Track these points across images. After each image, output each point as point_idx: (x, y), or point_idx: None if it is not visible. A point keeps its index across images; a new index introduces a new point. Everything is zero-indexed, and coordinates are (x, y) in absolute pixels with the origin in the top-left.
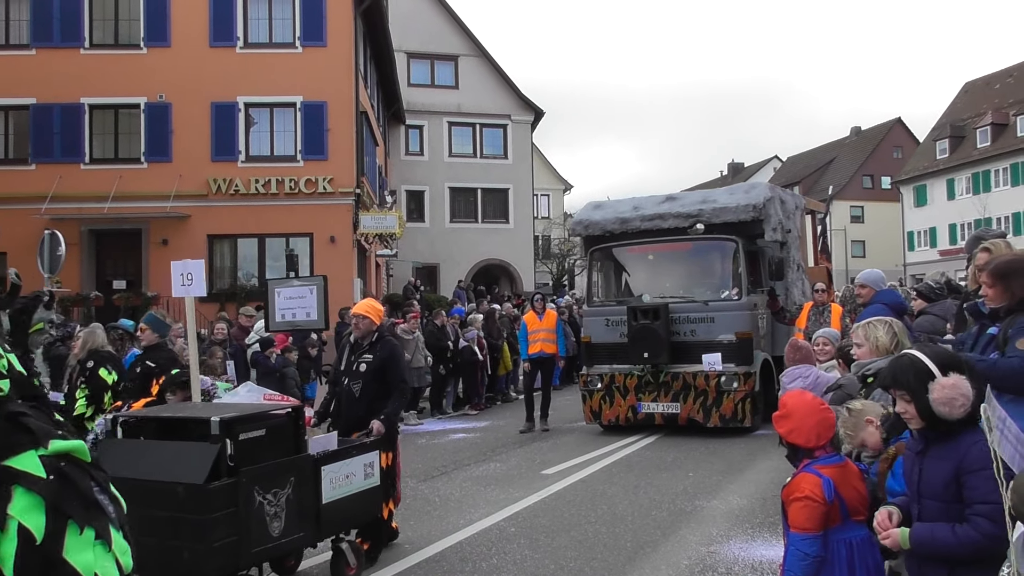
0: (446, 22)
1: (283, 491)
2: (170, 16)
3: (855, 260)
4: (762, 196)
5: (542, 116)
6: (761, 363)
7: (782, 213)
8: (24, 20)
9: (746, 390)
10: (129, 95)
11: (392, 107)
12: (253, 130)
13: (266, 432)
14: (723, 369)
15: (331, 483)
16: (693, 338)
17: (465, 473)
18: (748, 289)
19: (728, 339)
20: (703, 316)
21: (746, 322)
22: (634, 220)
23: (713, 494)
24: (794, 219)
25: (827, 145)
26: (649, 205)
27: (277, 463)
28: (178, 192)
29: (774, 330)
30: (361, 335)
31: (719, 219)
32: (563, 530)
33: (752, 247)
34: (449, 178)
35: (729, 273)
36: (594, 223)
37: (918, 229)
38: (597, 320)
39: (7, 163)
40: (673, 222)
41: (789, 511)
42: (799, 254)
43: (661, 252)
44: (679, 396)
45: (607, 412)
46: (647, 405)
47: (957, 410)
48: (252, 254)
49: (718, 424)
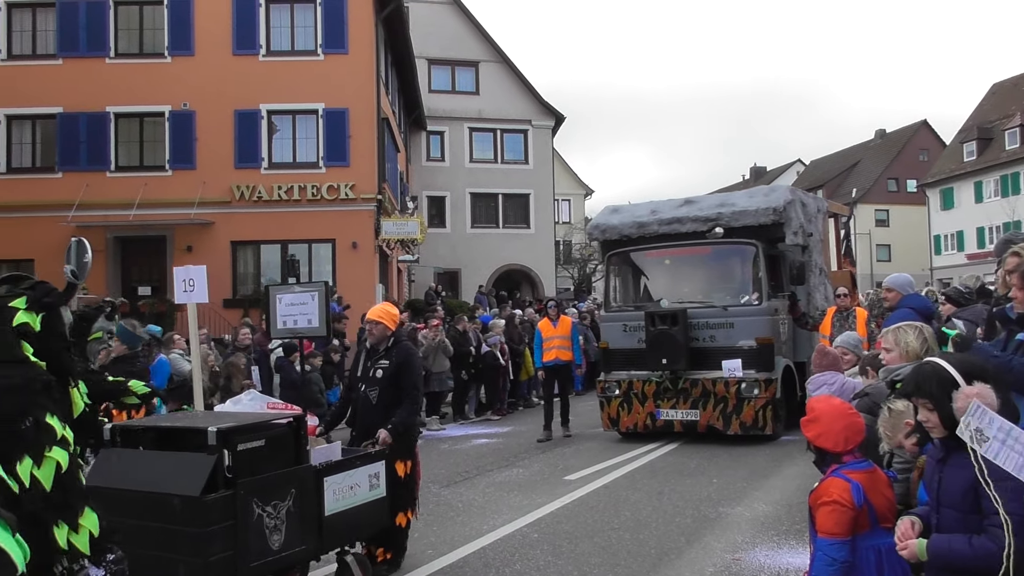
0: (466, 28)
1: (283, 503)
2: (194, 25)
3: (880, 264)
4: (783, 199)
5: (563, 121)
6: (783, 369)
7: (803, 216)
8: (51, 30)
9: (767, 397)
10: (154, 103)
11: (413, 113)
12: (276, 137)
13: (266, 442)
14: (743, 375)
15: (334, 494)
16: (712, 344)
17: (488, 479)
18: (769, 294)
19: (748, 345)
20: (722, 321)
21: (767, 327)
22: (652, 224)
23: (738, 500)
24: (816, 222)
25: (851, 148)
26: (667, 209)
27: (277, 474)
28: (202, 199)
29: (796, 336)
30: (376, 340)
31: (738, 223)
32: (586, 536)
33: (773, 251)
34: (470, 184)
35: (749, 278)
36: (611, 227)
37: (945, 233)
38: (615, 326)
39: (35, 171)
40: (691, 226)
41: (817, 515)
42: (822, 258)
43: (679, 256)
44: (698, 403)
45: (625, 419)
46: (666, 412)
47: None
48: (275, 260)
49: (738, 432)
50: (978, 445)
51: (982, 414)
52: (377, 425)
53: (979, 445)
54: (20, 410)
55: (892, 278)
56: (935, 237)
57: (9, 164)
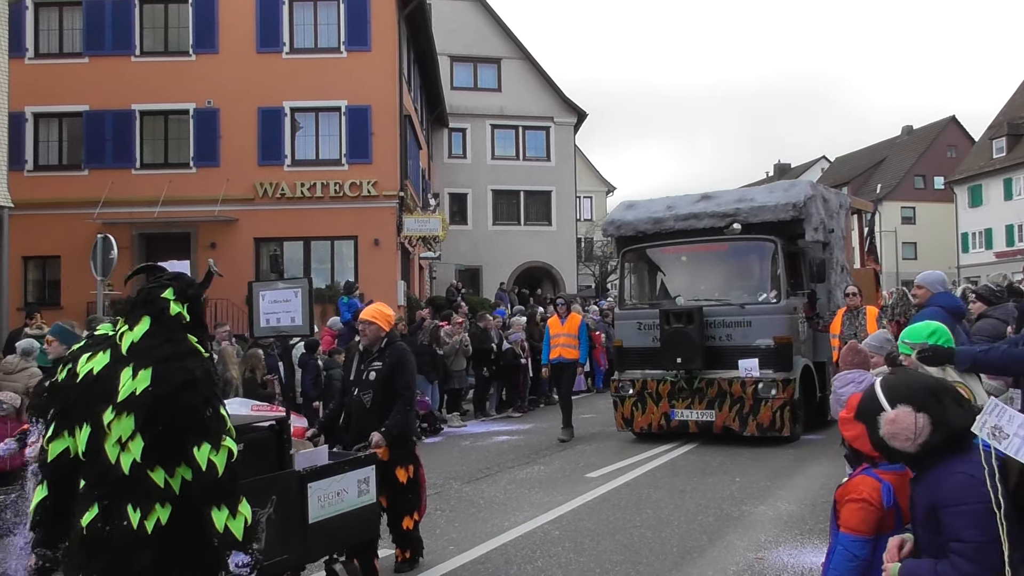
0: (489, 25)
1: (263, 511)
2: (218, 23)
3: (906, 262)
4: (803, 194)
5: (585, 118)
6: (801, 369)
7: (824, 212)
8: (77, 29)
9: (785, 398)
10: (178, 101)
11: (435, 110)
12: (299, 134)
13: (244, 447)
14: (760, 375)
15: (319, 501)
16: (729, 343)
17: (509, 475)
18: (787, 292)
19: (766, 344)
20: (739, 320)
21: (785, 326)
22: (668, 220)
23: (761, 499)
24: (838, 219)
25: (877, 145)
26: (683, 204)
27: (255, 480)
28: (226, 196)
29: (816, 335)
30: (369, 342)
31: (757, 218)
32: (608, 534)
33: (792, 248)
34: (492, 181)
35: (767, 275)
36: (626, 223)
37: (973, 230)
38: (629, 323)
39: (62, 169)
40: (708, 222)
41: (842, 511)
42: (844, 255)
43: (696, 253)
44: (714, 403)
45: (639, 419)
46: (680, 412)
47: (903, 443)
48: (298, 257)
49: (755, 433)
50: (998, 442)
51: (1000, 411)
52: (372, 429)
53: (999, 442)
54: (204, 400)
55: (924, 275)
56: (963, 235)
57: (36, 162)
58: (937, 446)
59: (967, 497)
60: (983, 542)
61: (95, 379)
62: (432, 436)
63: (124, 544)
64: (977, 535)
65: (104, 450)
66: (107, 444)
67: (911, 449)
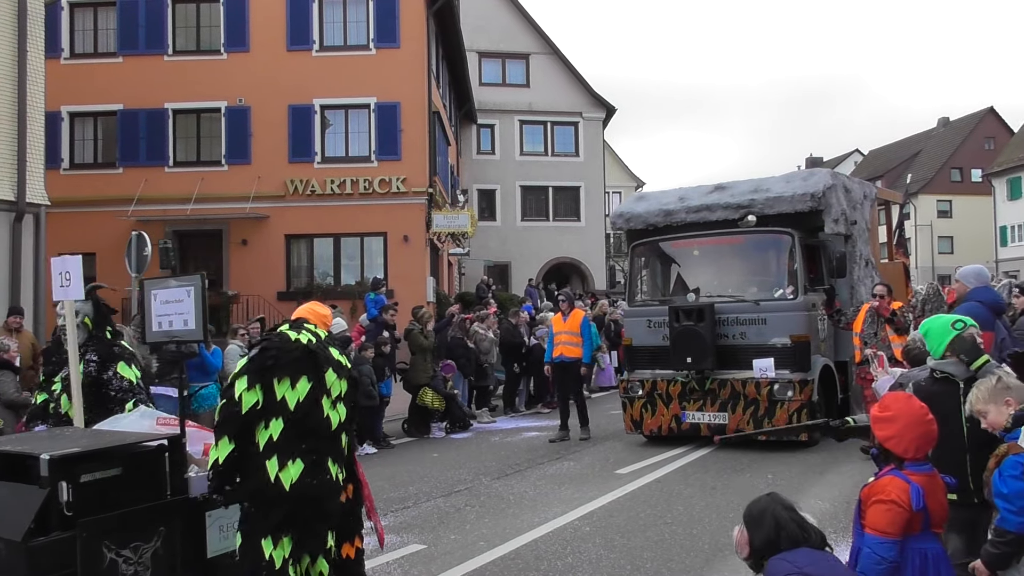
0: (517, 20)
1: (148, 545)
2: (249, 22)
3: (942, 256)
4: (822, 184)
5: (614, 113)
6: (820, 370)
7: (846, 203)
8: (111, 29)
9: (802, 400)
10: (210, 99)
11: (464, 106)
12: (328, 131)
13: (123, 470)
14: (776, 376)
15: (220, 531)
16: (743, 341)
17: (539, 471)
18: (806, 287)
19: (782, 343)
20: (754, 317)
21: (802, 324)
22: (679, 212)
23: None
24: (862, 210)
25: (912, 137)
26: (696, 196)
27: (138, 510)
28: (257, 193)
29: (837, 333)
30: None
31: (773, 210)
32: (639, 530)
33: (812, 241)
34: (520, 176)
35: (784, 270)
36: (636, 216)
37: (1012, 224)
38: (639, 321)
39: (96, 167)
40: (722, 214)
41: (869, 512)
42: (868, 248)
43: (708, 247)
44: (727, 405)
45: (649, 421)
46: (692, 415)
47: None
48: (328, 253)
49: (770, 437)
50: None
51: None
52: None
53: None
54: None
55: (963, 269)
56: (1000, 228)
57: (72, 160)
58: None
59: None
60: None
61: (307, 348)
62: (462, 432)
63: (327, 495)
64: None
65: (322, 405)
66: (325, 401)
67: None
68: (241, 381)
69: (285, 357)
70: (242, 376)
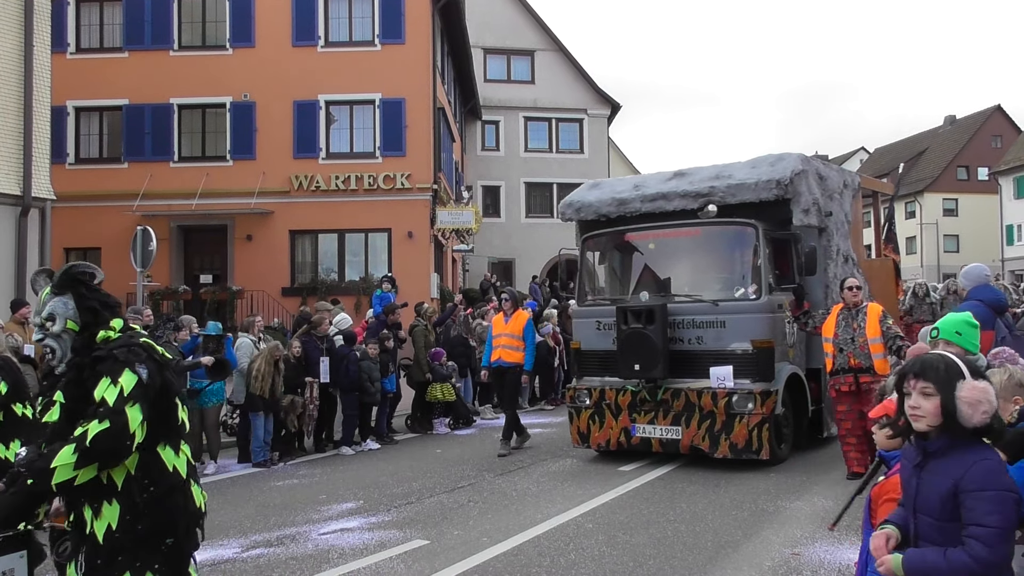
0: (522, 17)
1: None
2: (254, 17)
3: (948, 255)
4: (790, 170)
5: (619, 110)
6: (787, 379)
7: (819, 192)
8: (117, 24)
9: (763, 413)
10: (215, 95)
11: (469, 103)
12: (333, 127)
13: None
14: (735, 386)
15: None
16: (700, 347)
17: (542, 468)
18: (771, 286)
19: (742, 348)
20: (712, 319)
21: (765, 327)
22: (633, 201)
23: (797, 495)
24: (841, 200)
25: (918, 135)
26: (653, 183)
27: None
28: (262, 189)
29: (811, 337)
30: None
31: (735, 198)
32: (641, 527)
33: (781, 234)
34: (525, 173)
35: (747, 266)
36: (587, 205)
37: (1018, 222)
38: (588, 322)
39: (102, 162)
40: (679, 203)
41: (880, 511)
42: (848, 243)
43: (664, 240)
44: (680, 418)
45: (596, 435)
46: (642, 428)
47: (979, 415)
48: (332, 249)
49: (727, 455)
50: None
51: None
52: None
53: None
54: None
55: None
56: (1007, 227)
57: (78, 155)
58: (984, 428)
59: (993, 483)
60: (1002, 529)
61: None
62: (465, 428)
63: None
64: (998, 521)
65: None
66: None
67: (979, 422)
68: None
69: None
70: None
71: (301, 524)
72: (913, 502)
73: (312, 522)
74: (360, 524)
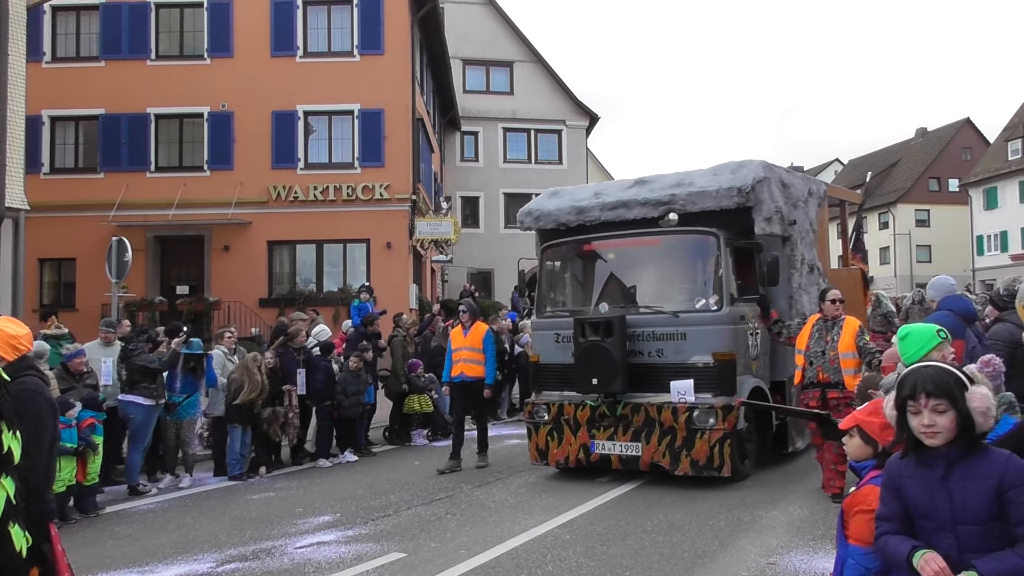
0: (501, 28)
1: None
2: (233, 28)
3: (920, 265)
4: (751, 177)
5: (597, 121)
6: (750, 392)
7: (783, 199)
8: (94, 33)
9: (725, 429)
10: (193, 105)
11: (448, 114)
12: (312, 138)
13: None
14: (696, 401)
15: None
16: (660, 360)
17: (520, 479)
18: (732, 297)
19: (703, 361)
20: (672, 332)
21: (727, 339)
22: (593, 210)
23: (772, 504)
24: (805, 208)
25: (891, 147)
26: (614, 191)
27: None
28: (239, 199)
29: (775, 350)
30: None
31: (697, 206)
32: (619, 538)
33: (744, 243)
34: (504, 184)
35: (708, 276)
36: (546, 214)
37: (988, 233)
38: (547, 335)
39: (77, 172)
40: (640, 211)
41: (851, 523)
42: (813, 252)
43: (624, 249)
44: (640, 434)
45: (555, 451)
46: (601, 444)
47: (990, 420)
48: (310, 260)
49: (688, 472)
50: None
51: None
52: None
53: None
54: None
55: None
56: (977, 237)
57: (53, 164)
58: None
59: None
60: None
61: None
62: (443, 440)
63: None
64: None
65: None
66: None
67: (990, 427)
68: None
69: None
70: None
71: (277, 538)
72: (949, 515)
73: (288, 535)
74: (337, 537)
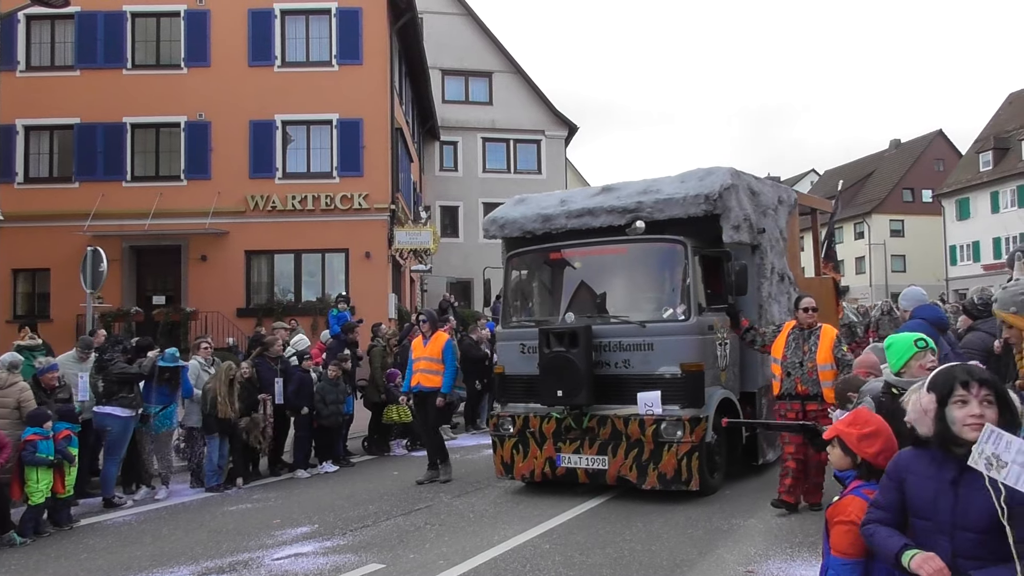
0: (480, 39)
1: None
2: (210, 37)
3: (895, 275)
4: (719, 184)
5: (576, 131)
6: (718, 404)
7: (751, 207)
8: (69, 42)
9: (693, 441)
10: (170, 114)
11: (427, 123)
12: (290, 147)
13: None
14: (664, 413)
15: None
16: (627, 371)
17: (499, 489)
18: (700, 306)
19: (671, 372)
20: (639, 342)
21: (695, 350)
22: (559, 217)
23: (750, 512)
24: (775, 216)
25: (866, 158)
26: (580, 198)
27: None
28: (217, 209)
29: (746, 359)
30: None
31: (664, 214)
32: (598, 547)
33: (713, 252)
34: (483, 194)
35: (676, 285)
36: (511, 222)
37: (961, 243)
38: (512, 345)
39: (52, 181)
40: (606, 219)
41: (832, 532)
42: (784, 261)
43: (590, 258)
44: (607, 448)
45: (520, 464)
46: (567, 458)
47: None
48: (288, 270)
49: (656, 486)
50: (996, 472)
51: (997, 438)
52: None
53: (997, 472)
54: None
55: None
56: (951, 248)
57: (27, 174)
58: None
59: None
60: None
61: None
62: (422, 450)
63: None
64: None
65: None
66: None
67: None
68: None
69: None
70: None
71: (254, 549)
72: (950, 519)
73: (266, 547)
74: (315, 548)
